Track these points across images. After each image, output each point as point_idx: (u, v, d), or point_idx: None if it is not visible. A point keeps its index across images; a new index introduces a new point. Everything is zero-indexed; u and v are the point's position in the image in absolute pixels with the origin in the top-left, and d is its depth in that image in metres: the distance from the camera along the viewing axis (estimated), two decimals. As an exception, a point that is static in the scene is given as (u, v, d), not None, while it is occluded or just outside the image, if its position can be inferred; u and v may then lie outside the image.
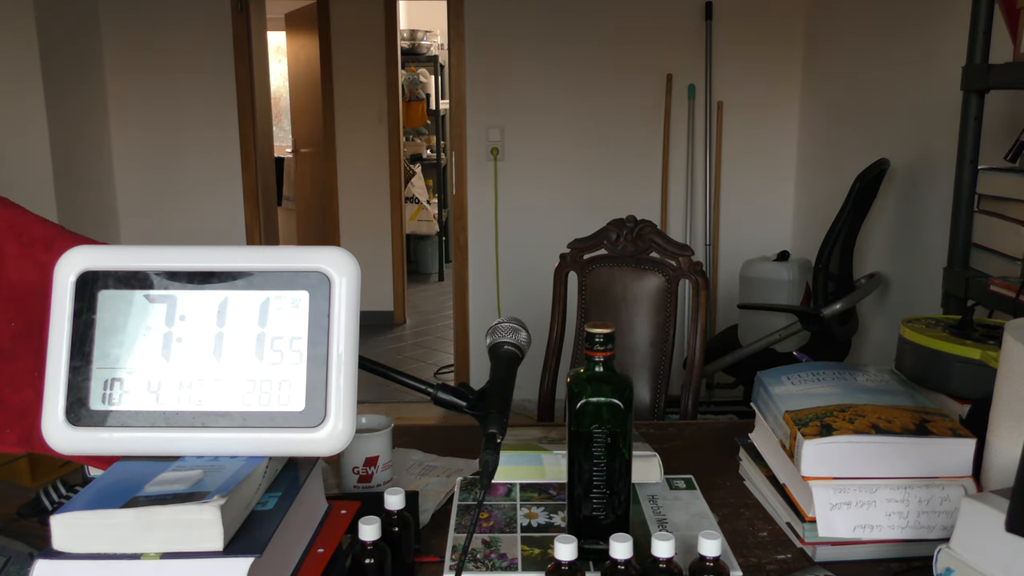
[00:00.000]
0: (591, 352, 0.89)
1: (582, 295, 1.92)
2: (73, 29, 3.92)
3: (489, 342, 0.96)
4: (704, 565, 0.80)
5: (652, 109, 3.86)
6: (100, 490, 0.67)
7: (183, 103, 4.28)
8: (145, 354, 0.73)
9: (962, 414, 1.04)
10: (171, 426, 0.72)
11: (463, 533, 0.95)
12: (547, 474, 1.09)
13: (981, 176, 1.75)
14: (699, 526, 0.98)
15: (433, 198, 6.89)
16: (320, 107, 5.04)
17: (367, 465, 1.03)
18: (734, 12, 3.86)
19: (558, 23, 3.83)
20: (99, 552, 0.64)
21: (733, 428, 1.31)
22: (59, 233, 0.84)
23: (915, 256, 2.82)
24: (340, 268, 0.74)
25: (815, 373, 1.11)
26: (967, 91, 1.75)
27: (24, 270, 0.82)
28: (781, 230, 4.00)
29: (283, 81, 7.27)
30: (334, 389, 0.72)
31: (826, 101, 3.72)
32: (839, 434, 0.93)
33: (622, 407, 0.89)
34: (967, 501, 0.76)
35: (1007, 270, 1.63)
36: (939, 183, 2.57)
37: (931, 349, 1.08)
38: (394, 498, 0.87)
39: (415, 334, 5.16)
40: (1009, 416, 0.86)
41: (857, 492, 0.92)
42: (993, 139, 2.04)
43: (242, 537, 0.66)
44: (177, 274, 0.74)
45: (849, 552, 0.93)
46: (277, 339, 0.73)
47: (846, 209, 2.84)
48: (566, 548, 0.77)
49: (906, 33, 2.91)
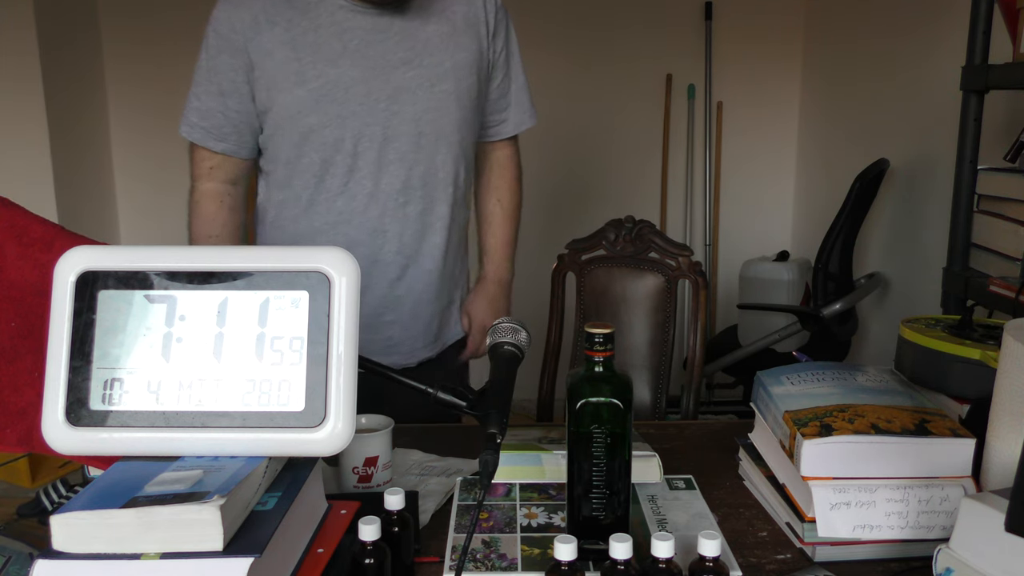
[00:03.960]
0: (591, 352, 0.89)
1: (580, 296, 1.92)
2: (72, 27, 3.92)
3: (489, 342, 0.97)
4: (704, 565, 0.80)
5: (652, 109, 3.86)
6: (100, 490, 0.67)
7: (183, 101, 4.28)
8: (145, 354, 0.73)
9: (962, 414, 1.04)
10: (171, 426, 0.72)
11: (463, 533, 0.95)
12: (547, 474, 1.09)
13: (981, 176, 1.75)
14: (699, 526, 0.98)
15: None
16: (320, 107, 5.03)
17: (367, 465, 1.03)
18: (734, 12, 3.86)
19: (558, 23, 3.83)
20: (99, 552, 0.64)
21: (733, 428, 1.31)
22: (59, 233, 0.84)
23: (915, 256, 2.83)
24: (340, 268, 0.74)
25: (815, 373, 1.11)
26: (966, 91, 1.75)
27: (24, 270, 0.82)
28: (781, 230, 4.00)
29: (283, 81, 7.25)
30: (334, 389, 0.72)
31: (826, 101, 3.72)
32: (839, 434, 0.93)
33: (622, 407, 0.89)
34: (967, 501, 0.76)
35: (1007, 270, 1.63)
36: (939, 183, 2.57)
37: (931, 349, 1.08)
38: (394, 498, 0.87)
39: (415, 334, 5.15)
40: (1008, 416, 0.86)
41: (857, 492, 0.92)
42: (993, 139, 2.04)
43: (242, 537, 0.66)
44: (177, 274, 0.74)
45: (849, 552, 0.93)
46: (277, 339, 0.73)
47: (846, 209, 2.84)
48: (566, 548, 0.77)
49: (906, 33, 2.91)
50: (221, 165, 1.44)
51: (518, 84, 1.55)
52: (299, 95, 1.34)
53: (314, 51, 1.34)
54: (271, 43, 1.34)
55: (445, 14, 1.41)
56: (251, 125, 1.42)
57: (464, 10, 1.43)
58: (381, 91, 1.36)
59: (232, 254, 0.75)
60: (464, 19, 1.43)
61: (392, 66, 1.37)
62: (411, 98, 1.38)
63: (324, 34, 1.34)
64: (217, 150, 1.42)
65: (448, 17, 1.41)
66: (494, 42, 1.47)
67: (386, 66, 1.36)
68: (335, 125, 1.36)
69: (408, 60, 1.38)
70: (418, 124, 1.40)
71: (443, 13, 1.41)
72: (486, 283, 1.62)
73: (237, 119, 1.40)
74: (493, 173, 1.61)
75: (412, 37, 1.38)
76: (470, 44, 1.43)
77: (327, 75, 1.34)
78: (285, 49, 1.34)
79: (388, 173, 1.41)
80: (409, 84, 1.38)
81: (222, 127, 1.41)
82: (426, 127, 1.40)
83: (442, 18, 1.41)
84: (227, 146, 1.42)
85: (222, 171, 1.44)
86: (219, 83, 1.38)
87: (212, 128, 1.41)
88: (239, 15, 1.34)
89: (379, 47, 1.36)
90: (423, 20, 1.39)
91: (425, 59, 1.38)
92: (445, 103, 1.41)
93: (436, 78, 1.39)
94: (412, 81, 1.38)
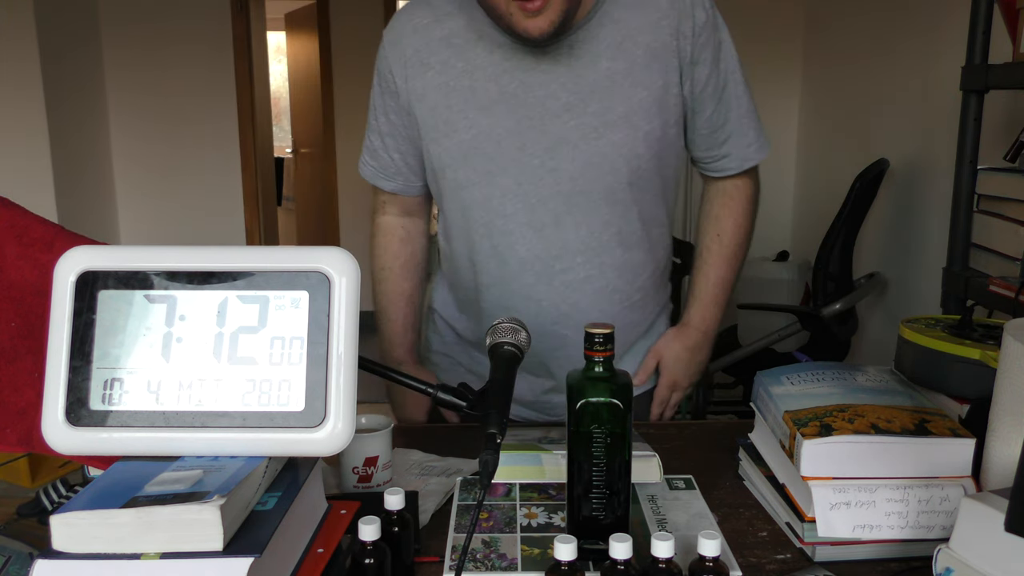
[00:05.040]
0: (591, 352, 0.89)
1: (582, 295, 1.91)
2: (73, 29, 3.92)
3: (489, 342, 0.97)
4: (704, 565, 0.80)
5: (652, 109, 3.86)
6: (100, 490, 0.67)
7: (183, 103, 4.28)
8: (145, 354, 0.73)
9: (962, 414, 1.04)
10: (171, 426, 0.72)
11: (463, 533, 0.95)
12: (547, 474, 1.09)
13: (980, 176, 1.75)
14: (699, 526, 0.98)
15: (433, 198, 6.88)
16: (320, 107, 5.04)
17: (367, 465, 1.03)
18: (734, 11, 3.85)
19: (558, 23, 3.82)
20: (99, 552, 0.64)
21: (733, 428, 1.31)
22: (59, 233, 0.84)
23: (915, 256, 2.83)
24: (340, 268, 0.74)
25: (814, 373, 1.11)
26: (966, 91, 1.75)
27: (24, 270, 0.82)
28: (781, 230, 4.00)
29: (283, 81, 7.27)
30: (334, 389, 0.72)
31: (826, 101, 3.72)
32: (838, 434, 0.93)
33: (622, 407, 0.89)
34: (966, 501, 0.76)
35: (1007, 270, 1.63)
36: (939, 183, 2.58)
37: (930, 349, 1.08)
38: (394, 498, 0.87)
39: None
40: (1008, 416, 0.86)
41: (856, 492, 0.92)
42: (993, 139, 2.04)
43: (242, 537, 0.66)
44: (177, 274, 0.74)
45: (849, 552, 0.93)
46: (277, 339, 0.73)
47: (846, 209, 2.84)
48: (566, 548, 0.77)
49: (906, 33, 2.91)
50: (393, 200, 1.39)
51: (739, 112, 1.28)
52: (447, 147, 1.23)
53: (467, 97, 1.21)
54: (423, 87, 1.23)
55: (623, 47, 1.19)
56: (415, 167, 1.33)
57: (649, 39, 1.19)
58: (537, 144, 1.20)
59: (232, 254, 0.75)
60: (648, 51, 1.19)
61: (552, 114, 1.19)
62: (571, 152, 1.20)
63: (479, 77, 1.20)
64: (387, 189, 1.37)
65: (627, 50, 1.19)
66: (694, 70, 1.22)
67: (545, 114, 1.19)
68: (483, 183, 1.23)
69: (571, 106, 1.19)
70: (576, 182, 1.21)
71: (621, 46, 1.19)
72: (688, 329, 1.38)
73: (400, 160, 1.32)
74: (716, 202, 1.36)
75: (579, 78, 1.18)
76: (654, 80, 1.19)
77: (478, 125, 1.21)
78: (437, 94, 1.22)
79: (543, 238, 1.24)
80: (570, 135, 1.19)
81: (388, 167, 1.34)
82: (588, 185, 1.21)
83: (619, 53, 1.18)
84: (395, 185, 1.36)
85: (395, 206, 1.39)
86: (382, 123, 1.31)
87: (380, 168, 1.35)
88: (395, 55, 1.25)
89: (540, 91, 1.19)
90: (594, 57, 1.18)
91: (591, 105, 1.19)
92: (611, 157, 1.20)
93: (604, 127, 1.19)
94: (574, 132, 1.19)
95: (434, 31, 1.23)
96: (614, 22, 1.19)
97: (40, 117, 3.58)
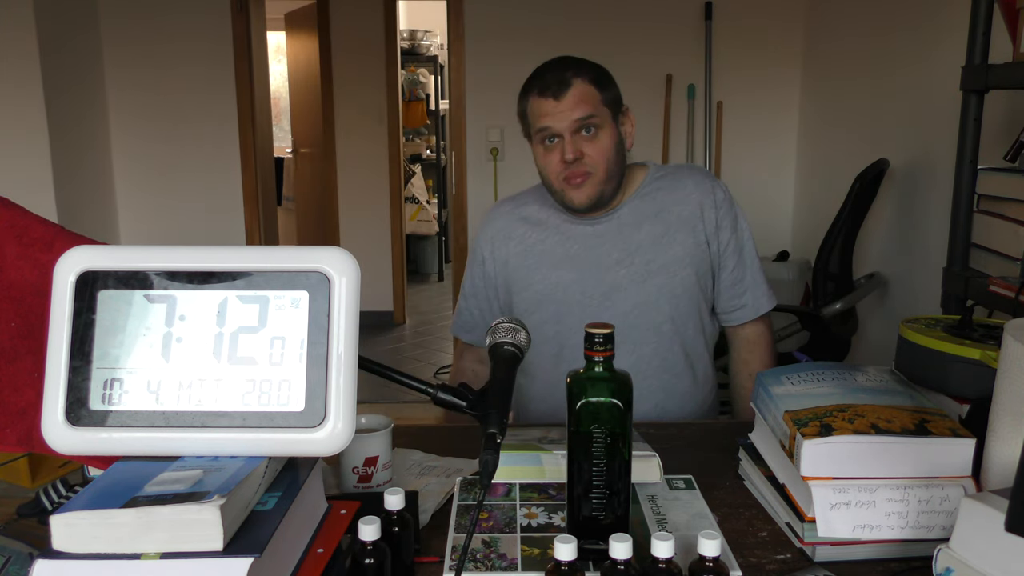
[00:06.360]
0: (591, 352, 0.89)
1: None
2: (72, 29, 3.92)
3: (489, 342, 0.97)
4: (704, 565, 0.80)
5: (652, 109, 3.86)
6: (100, 490, 0.67)
7: (183, 103, 4.28)
8: (145, 354, 0.73)
9: (962, 414, 1.04)
10: (171, 426, 0.72)
11: (463, 533, 0.95)
12: (547, 474, 1.09)
13: (980, 176, 1.75)
14: (699, 526, 0.98)
15: (433, 198, 6.88)
16: (320, 107, 5.04)
17: (367, 465, 1.03)
18: (734, 12, 3.86)
19: (558, 23, 3.83)
20: (99, 552, 0.64)
21: (733, 428, 1.31)
22: (59, 233, 0.84)
23: (915, 256, 2.83)
24: (340, 268, 0.74)
25: (815, 373, 1.11)
26: (966, 91, 1.75)
27: (24, 270, 0.82)
28: (781, 230, 4.01)
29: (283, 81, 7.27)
30: (334, 389, 0.72)
31: (826, 101, 3.72)
32: (838, 434, 0.93)
33: (622, 407, 0.89)
34: (967, 501, 0.76)
35: (1007, 270, 1.63)
36: (939, 183, 2.57)
37: (931, 349, 1.08)
38: (394, 498, 0.87)
39: (415, 334, 5.16)
40: (1008, 416, 0.86)
41: (856, 492, 0.92)
42: (993, 139, 2.04)
43: (242, 537, 0.66)
44: (177, 274, 0.74)
45: (849, 552, 0.93)
46: (277, 339, 0.73)
47: (846, 209, 2.84)
48: (566, 548, 0.77)
49: (906, 33, 2.91)
50: (470, 349, 1.72)
51: (753, 269, 1.60)
52: (526, 296, 1.58)
53: (540, 259, 1.57)
54: (507, 254, 1.61)
55: (660, 215, 1.55)
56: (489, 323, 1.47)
57: (680, 210, 1.55)
58: (595, 289, 1.53)
59: (232, 254, 0.75)
60: (679, 219, 1.54)
61: (606, 267, 1.54)
62: (623, 295, 1.53)
63: (550, 243, 1.57)
64: (466, 340, 1.71)
65: (663, 219, 1.54)
66: (718, 235, 1.56)
67: (600, 267, 1.54)
68: (553, 321, 1.54)
69: (621, 260, 1.53)
70: (627, 317, 1.52)
71: (658, 215, 1.55)
72: None
73: (479, 316, 1.66)
74: (743, 349, 1.67)
75: (627, 240, 1.54)
76: (684, 240, 1.54)
77: (549, 279, 1.56)
78: (518, 259, 1.59)
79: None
80: (621, 281, 1.53)
81: (467, 322, 1.69)
82: (637, 319, 1.52)
83: (657, 220, 1.54)
84: (472, 337, 1.69)
85: (472, 353, 1.72)
86: (467, 287, 1.69)
87: (462, 323, 1.71)
88: (486, 233, 1.64)
89: (597, 251, 1.55)
90: (638, 223, 1.55)
91: (637, 258, 1.53)
92: (655, 297, 1.52)
93: (648, 274, 1.52)
94: (624, 279, 1.53)
95: (515, 213, 1.63)
96: (653, 200, 1.57)
97: (40, 115, 3.58)
